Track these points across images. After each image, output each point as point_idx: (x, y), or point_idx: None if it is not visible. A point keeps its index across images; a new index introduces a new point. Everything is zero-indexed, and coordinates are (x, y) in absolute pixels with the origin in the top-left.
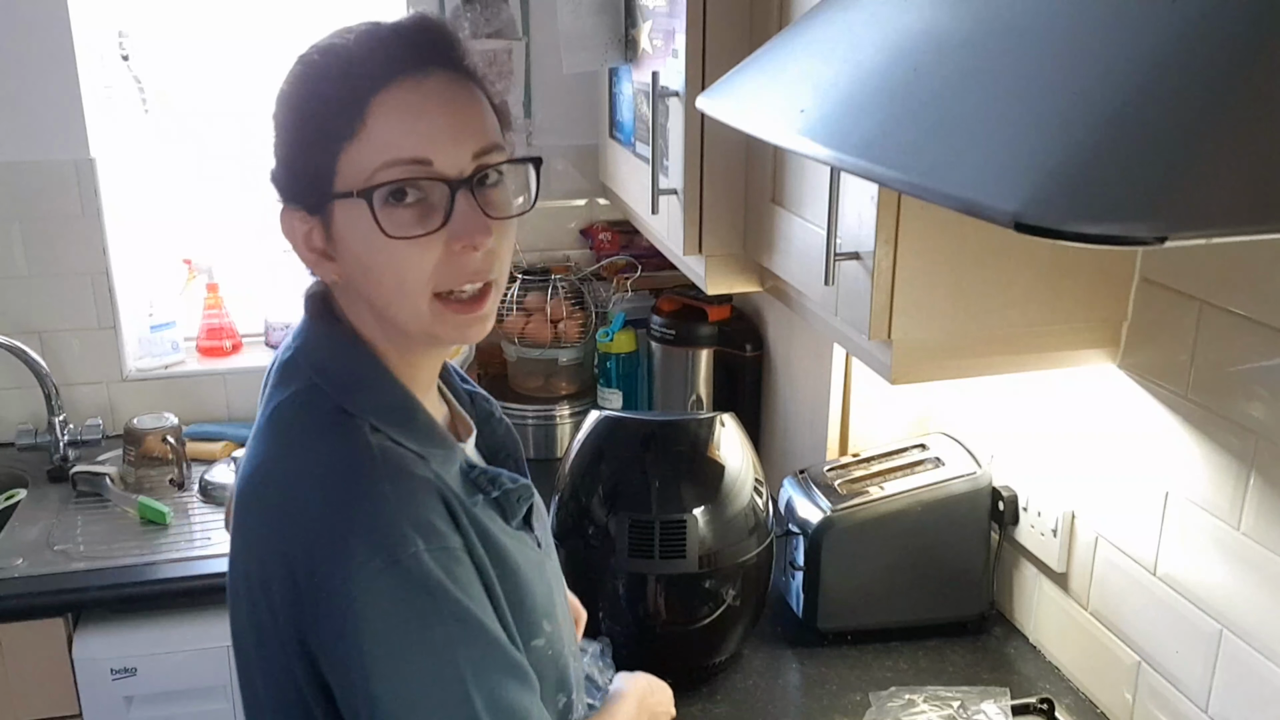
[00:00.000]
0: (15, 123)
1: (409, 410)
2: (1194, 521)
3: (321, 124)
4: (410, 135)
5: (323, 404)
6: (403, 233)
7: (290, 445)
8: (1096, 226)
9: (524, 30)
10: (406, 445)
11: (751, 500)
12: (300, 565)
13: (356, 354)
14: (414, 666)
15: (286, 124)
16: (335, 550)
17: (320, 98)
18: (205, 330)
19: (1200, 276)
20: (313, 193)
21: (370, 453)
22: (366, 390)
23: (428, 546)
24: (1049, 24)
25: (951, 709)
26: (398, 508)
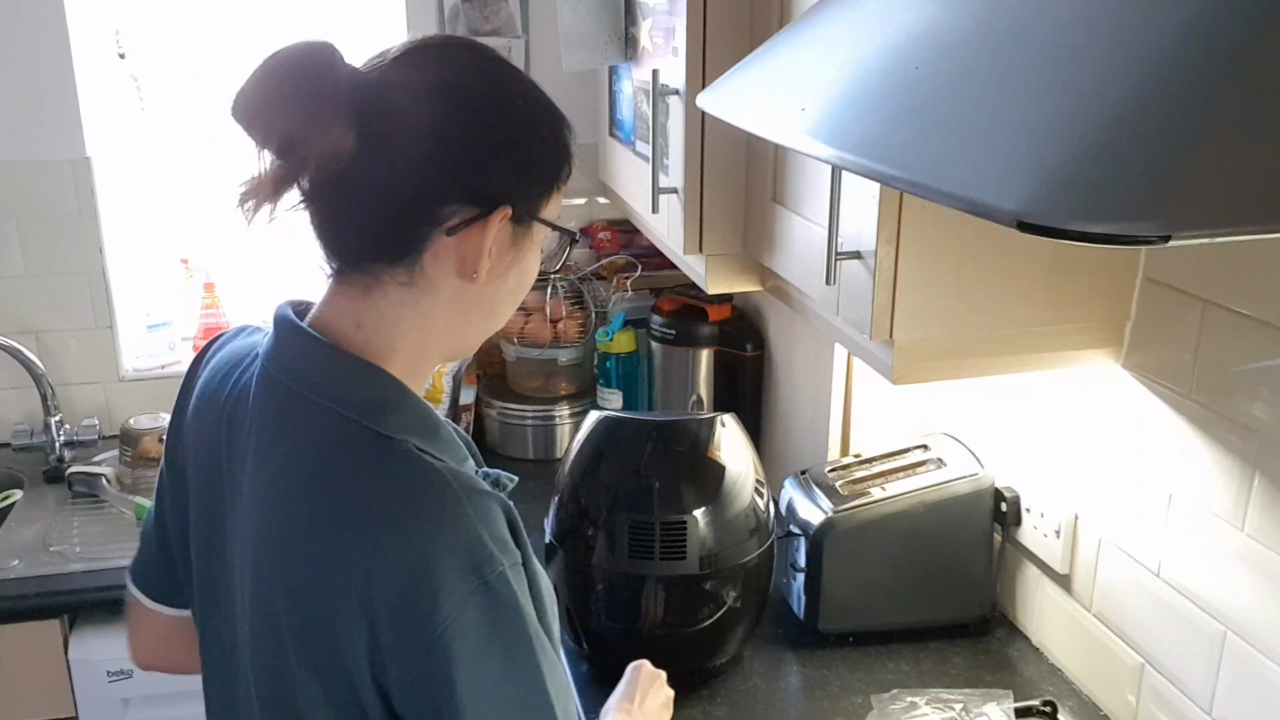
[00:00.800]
0: (11, 121)
1: (435, 424)
2: (1197, 523)
3: (560, 154)
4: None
5: (355, 432)
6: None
7: (345, 482)
8: (1099, 225)
9: (523, 28)
10: (446, 461)
11: (752, 501)
12: (380, 594)
13: (374, 375)
14: (506, 689)
15: (531, 132)
16: (423, 575)
17: (559, 130)
18: (202, 330)
19: (1204, 276)
20: (530, 205)
21: (441, 474)
22: (397, 411)
23: (509, 564)
24: (1051, 22)
25: (954, 711)
26: (479, 526)
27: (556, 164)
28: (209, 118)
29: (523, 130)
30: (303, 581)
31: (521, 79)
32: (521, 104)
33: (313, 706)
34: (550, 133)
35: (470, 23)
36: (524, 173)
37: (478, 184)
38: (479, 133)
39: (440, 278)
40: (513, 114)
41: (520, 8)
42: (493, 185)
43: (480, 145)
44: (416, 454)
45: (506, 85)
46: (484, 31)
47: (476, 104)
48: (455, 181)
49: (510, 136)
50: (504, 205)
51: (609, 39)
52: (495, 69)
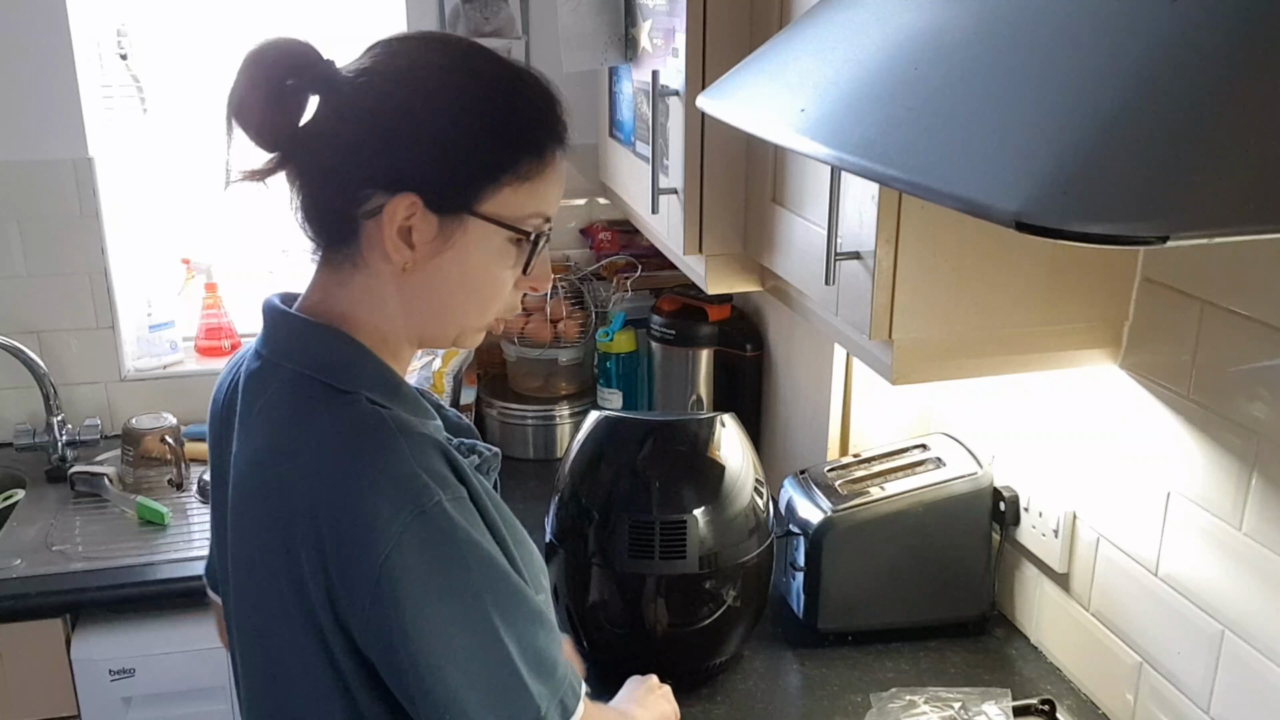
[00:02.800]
0: (14, 122)
1: (395, 383)
2: (1196, 522)
3: (501, 148)
4: (556, 199)
5: (313, 387)
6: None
7: (295, 424)
8: (1098, 226)
9: (523, 29)
10: (401, 411)
11: (752, 501)
12: (327, 533)
13: (337, 338)
14: (449, 614)
15: (454, 122)
16: (361, 508)
17: (504, 126)
18: (204, 330)
19: (1202, 276)
20: (454, 197)
21: (378, 414)
22: (354, 367)
23: (446, 496)
24: (1050, 23)
25: (952, 710)
26: (415, 460)
27: (500, 157)
28: (211, 118)
29: (449, 118)
30: (266, 524)
31: (482, 71)
32: (458, 94)
33: (283, 651)
34: (494, 124)
35: (470, 23)
36: (441, 162)
37: (386, 169)
38: (399, 119)
39: (376, 262)
40: (442, 102)
41: (520, 8)
42: (400, 171)
43: (395, 131)
44: (364, 402)
45: (450, 75)
46: (484, 32)
47: (405, 91)
48: (368, 165)
49: (430, 124)
50: (407, 192)
51: (609, 40)
52: (450, 61)
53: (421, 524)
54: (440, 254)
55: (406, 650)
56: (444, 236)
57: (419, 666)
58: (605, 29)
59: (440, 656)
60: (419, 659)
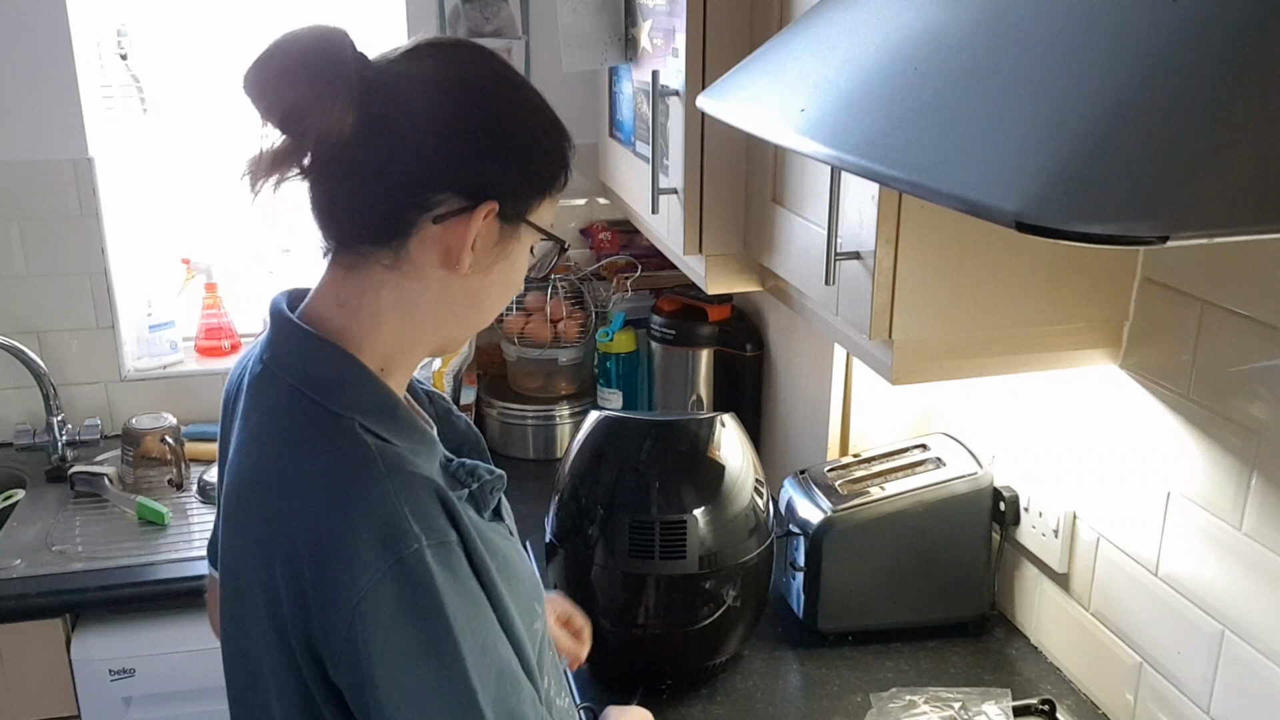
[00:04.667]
0: (14, 122)
1: (391, 406)
2: (1195, 522)
3: (558, 160)
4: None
5: (308, 407)
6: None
7: (286, 449)
8: (1098, 226)
9: (523, 29)
10: (394, 442)
11: (752, 501)
12: (306, 567)
13: (336, 355)
14: (421, 670)
15: (528, 133)
16: (340, 549)
17: (560, 137)
18: (204, 330)
19: (1202, 276)
20: (520, 206)
21: (369, 451)
22: (350, 389)
23: (429, 543)
24: (1050, 23)
25: (952, 710)
26: (400, 503)
27: (552, 171)
28: (211, 118)
29: (521, 131)
30: (251, 546)
31: (525, 85)
32: (523, 107)
33: (261, 667)
34: (549, 140)
35: (470, 23)
36: (517, 173)
37: (470, 176)
38: (478, 127)
39: (425, 265)
40: (513, 114)
41: (520, 8)
42: (484, 179)
43: (477, 139)
44: (355, 430)
45: (510, 88)
46: (484, 32)
47: (478, 99)
48: (448, 170)
49: (508, 135)
50: (491, 200)
51: (609, 40)
52: (502, 71)
53: (399, 573)
54: (496, 260)
55: (374, 696)
56: (503, 244)
57: (385, 712)
58: (605, 29)
59: (408, 711)
60: (386, 707)
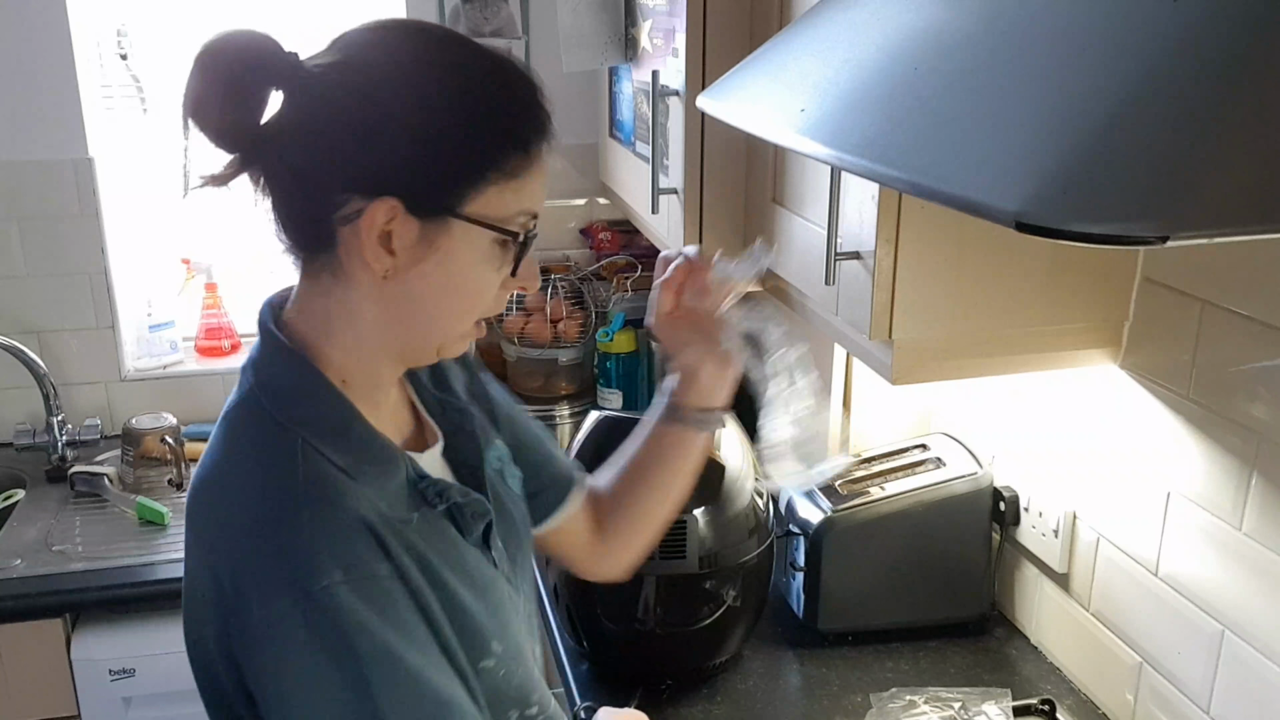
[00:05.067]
0: (14, 122)
1: (344, 423)
2: (1195, 522)
3: (485, 147)
4: (541, 195)
5: (259, 415)
6: (522, 278)
7: (231, 456)
8: (1098, 226)
9: (523, 29)
10: (336, 461)
11: (752, 500)
12: (226, 582)
13: (296, 364)
14: (328, 705)
15: (435, 119)
16: (254, 577)
17: (490, 121)
18: (204, 330)
19: (1202, 276)
20: (436, 199)
21: (295, 478)
22: (302, 402)
23: (346, 578)
24: (1050, 23)
25: (952, 710)
26: (314, 537)
27: (480, 157)
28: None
29: (427, 117)
30: (194, 541)
31: (462, 62)
32: (438, 87)
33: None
34: (478, 119)
35: (470, 23)
36: (424, 164)
37: (366, 173)
38: (373, 119)
39: (355, 270)
40: (421, 97)
41: (520, 8)
42: (380, 175)
43: (371, 132)
44: (294, 450)
45: (428, 67)
46: (484, 32)
47: (376, 86)
48: (347, 169)
49: (410, 121)
50: (389, 196)
51: (609, 40)
52: (426, 52)
53: (306, 607)
54: (423, 260)
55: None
56: (427, 241)
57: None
58: (605, 29)
59: None
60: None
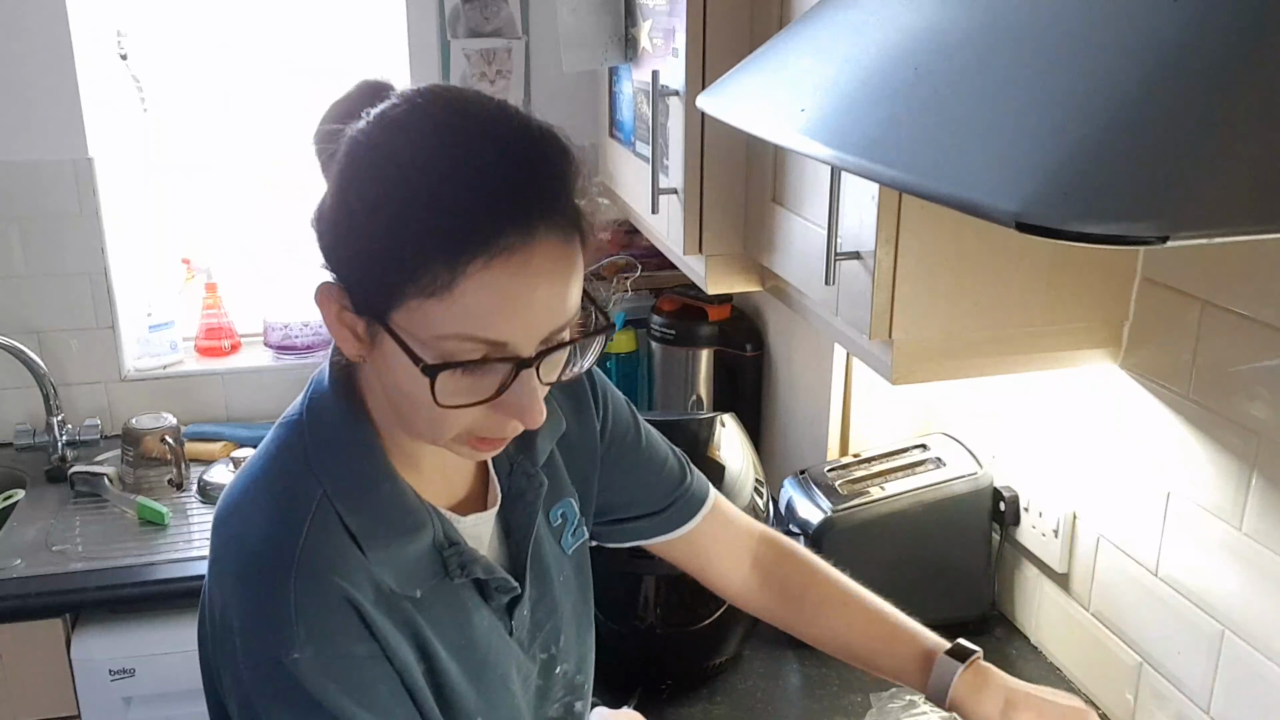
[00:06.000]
0: (13, 122)
1: (372, 482)
2: (1196, 522)
3: (405, 257)
4: (497, 318)
5: (295, 454)
6: (453, 402)
7: (255, 490)
8: (1098, 226)
9: (523, 29)
10: (349, 523)
11: (752, 501)
12: (217, 620)
13: (350, 415)
14: None
15: (376, 215)
16: (237, 631)
17: (415, 226)
18: (204, 330)
19: (1202, 276)
20: (368, 302)
21: (294, 542)
22: (336, 452)
23: (317, 655)
24: (1050, 23)
25: None
26: (293, 607)
27: (402, 263)
28: (211, 118)
29: (375, 208)
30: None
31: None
32: (395, 182)
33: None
34: (408, 222)
35: (470, 24)
36: (357, 257)
37: (325, 248)
38: (349, 195)
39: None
40: (379, 189)
41: (520, 8)
42: (332, 255)
43: (342, 210)
44: (307, 510)
45: (392, 161)
46: (484, 32)
47: (340, 177)
48: (321, 237)
49: (363, 211)
50: (333, 281)
51: (609, 40)
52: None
53: (276, 675)
54: (373, 356)
55: None
56: (371, 338)
57: None
58: (605, 29)
59: None
60: None
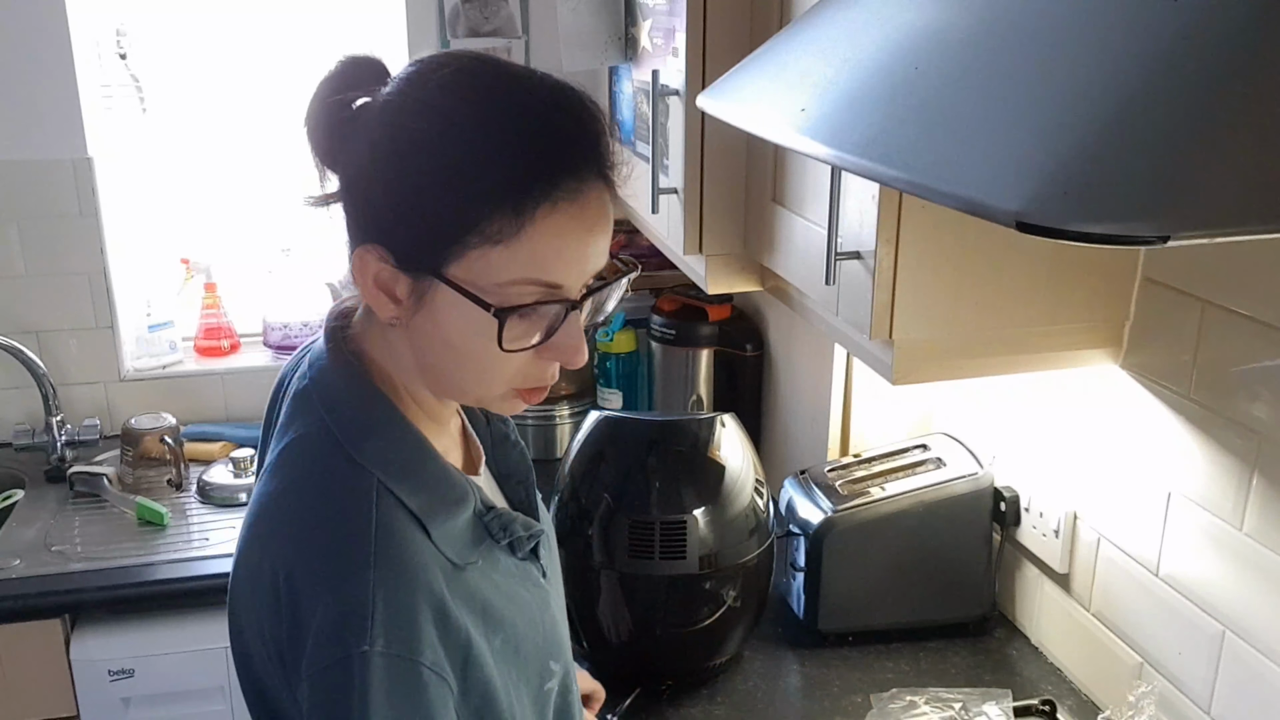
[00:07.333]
0: (13, 122)
1: (420, 461)
2: (1196, 522)
3: (468, 208)
4: (558, 261)
5: (333, 451)
6: (515, 346)
7: (302, 494)
8: (1099, 226)
9: (523, 29)
10: (410, 505)
11: (752, 501)
12: (285, 615)
13: (372, 398)
14: None
15: (425, 171)
16: (307, 621)
17: (477, 178)
18: (203, 330)
19: (1203, 276)
20: (421, 258)
21: (368, 531)
22: (377, 438)
23: (385, 650)
24: (1051, 22)
25: (953, 710)
26: (374, 598)
27: (463, 213)
28: (210, 118)
29: (422, 166)
30: (255, 566)
31: (472, 110)
32: (440, 137)
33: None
34: (464, 174)
35: (470, 23)
36: (405, 215)
37: (361, 215)
38: (372, 164)
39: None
40: (422, 147)
41: (520, 8)
42: (371, 221)
43: (368, 178)
44: (368, 498)
45: (434, 115)
46: (484, 32)
47: (386, 133)
48: (355, 207)
49: (406, 172)
50: (373, 244)
51: (609, 39)
52: (440, 98)
53: (343, 664)
54: (419, 313)
55: None
56: (417, 296)
57: None
58: (605, 28)
59: None
60: None
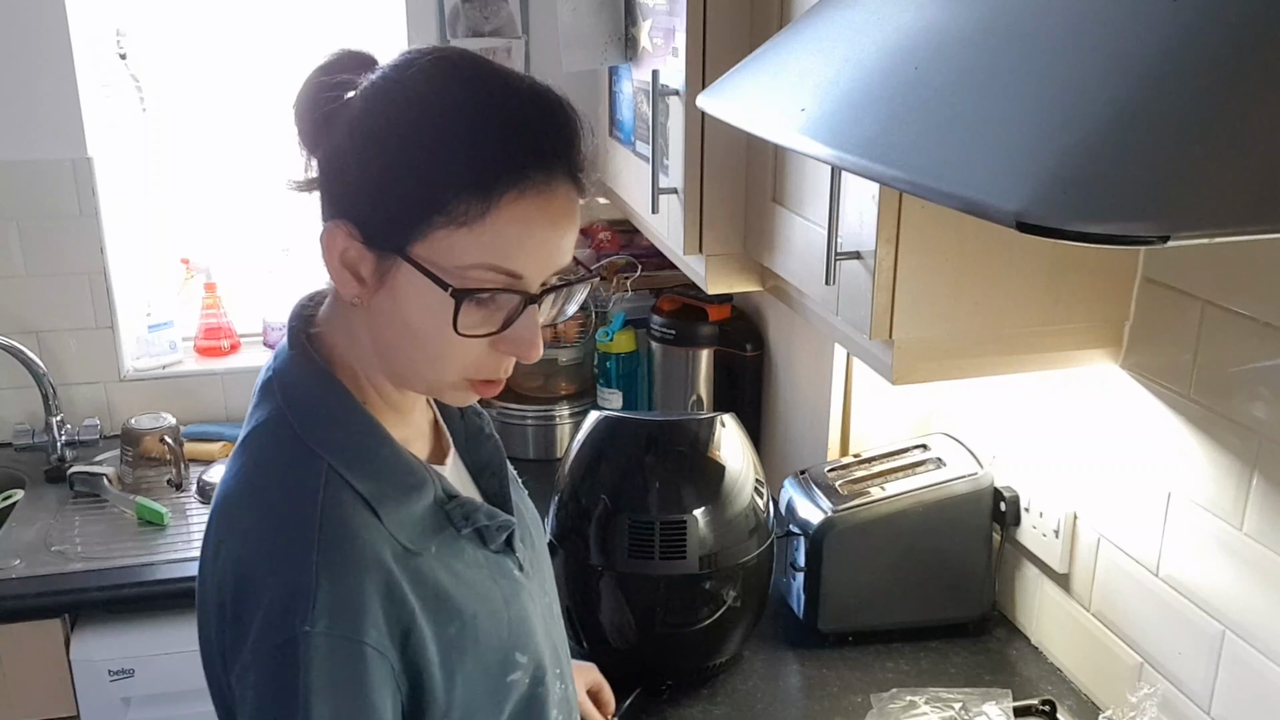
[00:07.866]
0: (12, 122)
1: (372, 448)
2: (1196, 522)
3: (437, 188)
4: (519, 251)
5: (287, 437)
6: (470, 332)
7: (255, 477)
8: (1099, 226)
9: (523, 28)
10: (360, 490)
11: (752, 501)
12: (229, 598)
13: (327, 385)
14: None
15: (396, 150)
16: (250, 603)
17: (448, 160)
18: (203, 330)
19: (1203, 276)
20: (387, 236)
21: (313, 515)
22: (330, 425)
23: (327, 630)
24: (1051, 22)
25: (953, 710)
26: (317, 580)
27: (429, 193)
28: (210, 118)
29: (393, 145)
30: (212, 551)
31: (455, 94)
32: (414, 120)
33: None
34: (433, 154)
35: (470, 23)
36: (373, 191)
37: (331, 192)
38: (347, 144)
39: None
40: (395, 128)
41: (520, 8)
42: (341, 196)
43: (352, 153)
44: (316, 483)
45: (417, 100)
46: (484, 32)
47: (362, 116)
48: (326, 185)
49: (377, 150)
50: (341, 220)
51: (609, 39)
52: (429, 85)
53: (285, 643)
54: (380, 293)
55: None
56: (380, 275)
57: None
58: (605, 28)
59: None
60: None
